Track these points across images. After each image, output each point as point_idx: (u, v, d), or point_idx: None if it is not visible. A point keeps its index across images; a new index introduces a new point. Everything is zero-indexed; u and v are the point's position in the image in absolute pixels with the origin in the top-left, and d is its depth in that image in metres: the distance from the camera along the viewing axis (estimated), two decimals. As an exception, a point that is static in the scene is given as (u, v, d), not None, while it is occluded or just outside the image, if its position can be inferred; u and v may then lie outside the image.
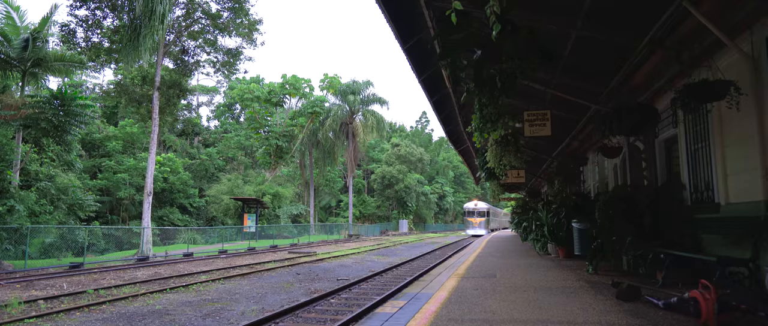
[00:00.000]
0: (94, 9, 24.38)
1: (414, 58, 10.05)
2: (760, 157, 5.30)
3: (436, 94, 12.88)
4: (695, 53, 6.29)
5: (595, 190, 14.30)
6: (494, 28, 4.54)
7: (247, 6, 29.39)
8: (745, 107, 5.44)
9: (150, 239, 23.49)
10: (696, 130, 6.91)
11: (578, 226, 10.32)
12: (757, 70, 5.36)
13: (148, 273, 14.49)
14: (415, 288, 6.96)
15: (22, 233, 16.61)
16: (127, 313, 8.10)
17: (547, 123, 9.60)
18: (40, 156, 24.77)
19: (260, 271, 14.74)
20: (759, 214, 5.23)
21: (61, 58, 23.74)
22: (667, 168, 8.48)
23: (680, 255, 6.46)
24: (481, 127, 7.61)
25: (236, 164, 55.49)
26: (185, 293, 10.44)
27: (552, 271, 8.94)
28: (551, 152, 15.56)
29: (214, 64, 31.54)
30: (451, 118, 15.80)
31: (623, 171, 10.84)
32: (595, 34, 6.92)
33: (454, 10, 4.52)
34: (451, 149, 41.26)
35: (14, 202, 17.19)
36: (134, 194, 39.27)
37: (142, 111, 30.67)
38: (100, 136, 42.55)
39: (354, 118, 50.63)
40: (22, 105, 19.14)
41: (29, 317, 7.74)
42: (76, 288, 11.15)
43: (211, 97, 69.72)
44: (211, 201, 43.70)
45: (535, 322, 4.65)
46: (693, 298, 4.44)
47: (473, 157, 20.84)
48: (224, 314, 7.86)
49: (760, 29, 5.27)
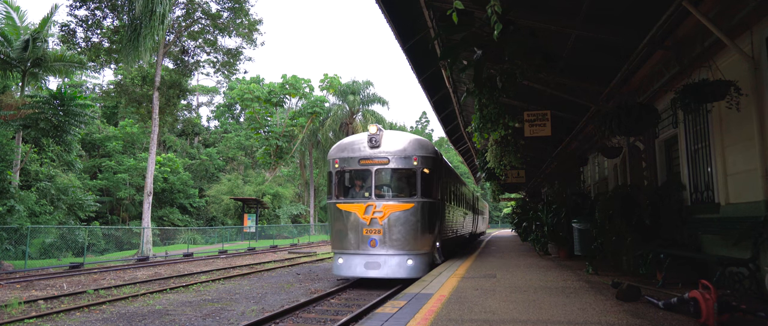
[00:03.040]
0: (94, 9, 24.38)
1: (414, 58, 10.06)
2: (760, 157, 5.30)
3: (436, 94, 12.89)
4: (695, 53, 6.29)
5: (595, 190, 14.31)
6: (496, 27, 4.54)
7: (247, 6, 29.40)
8: (745, 107, 5.44)
9: (150, 239, 23.48)
10: (696, 130, 6.92)
11: (578, 226, 10.33)
12: (757, 70, 5.37)
13: (148, 274, 14.48)
14: (415, 288, 6.96)
15: (22, 233, 16.60)
16: (127, 313, 8.09)
17: (547, 123, 9.62)
18: (40, 156, 24.76)
19: (260, 271, 14.74)
20: (759, 214, 5.24)
21: (61, 58, 23.73)
22: (667, 168, 8.48)
23: (680, 255, 6.46)
24: (481, 127, 7.63)
25: (236, 164, 55.47)
26: (185, 293, 10.44)
27: (552, 271, 8.94)
28: (551, 152, 15.57)
29: (214, 64, 31.55)
30: (451, 118, 15.82)
31: (623, 171, 10.85)
32: (595, 34, 6.93)
33: (455, 9, 4.53)
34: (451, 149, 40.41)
35: (14, 202, 17.19)
36: (134, 194, 39.25)
37: (142, 111, 30.66)
38: (100, 136, 42.53)
39: (354, 118, 50.64)
40: (21, 105, 19.15)
41: (29, 317, 7.74)
42: (76, 289, 11.15)
43: (211, 97, 69.72)
44: (211, 202, 43.71)
45: (535, 322, 4.65)
46: (693, 298, 4.44)
47: (473, 157, 20.86)
48: (224, 314, 7.86)
49: (760, 29, 5.27)
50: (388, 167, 10.01)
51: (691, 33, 6.22)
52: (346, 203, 10.02)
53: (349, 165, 10.27)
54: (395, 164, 9.97)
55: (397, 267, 9.48)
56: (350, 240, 9.79)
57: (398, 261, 9.52)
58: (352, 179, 10.59)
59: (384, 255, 9.56)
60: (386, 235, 9.53)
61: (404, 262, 9.51)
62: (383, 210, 9.58)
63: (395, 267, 9.48)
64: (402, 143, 10.19)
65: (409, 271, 9.43)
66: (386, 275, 9.47)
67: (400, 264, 9.50)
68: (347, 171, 10.49)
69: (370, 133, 10.20)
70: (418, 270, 9.48)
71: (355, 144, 10.47)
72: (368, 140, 10.17)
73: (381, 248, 9.55)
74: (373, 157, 10.04)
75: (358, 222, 9.68)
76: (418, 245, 9.66)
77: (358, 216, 9.70)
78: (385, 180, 10.36)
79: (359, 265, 9.67)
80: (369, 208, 9.63)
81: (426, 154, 10.17)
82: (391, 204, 9.65)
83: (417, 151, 10.06)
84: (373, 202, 9.67)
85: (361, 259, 9.68)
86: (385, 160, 9.97)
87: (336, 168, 10.39)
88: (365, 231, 9.63)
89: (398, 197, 9.99)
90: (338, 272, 9.98)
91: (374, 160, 10.01)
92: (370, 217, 9.58)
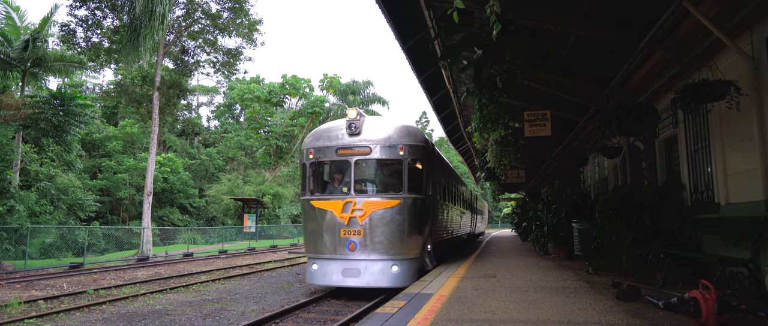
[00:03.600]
0: (94, 9, 24.40)
1: (414, 58, 10.07)
2: (760, 157, 5.30)
3: (436, 94, 12.89)
4: (695, 53, 6.29)
5: (595, 190, 14.31)
6: (495, 27, 4.54)
7: (247, 6, 29.42)
8: (745, 107, 5.44)
9: (150, 239, 23.49)
10: (696, 130, 6.92)
11: (578, 226, 10.33)
12: (757, 70, 5.37)
13: (148, 274, 14.49)
14: (415, 288, 6.96)
15: (22, 233, 16.61)
16: (127, 313, 8.10)
17: (547, 123, 9.62)
18: (40, 156, 24.76)
19: (260, 271, 14.74)
20: (759, 214, 5.24)
21: (61, 58, 23.74)
22: (667, 168, 8.49)
23: (680, 255, 6.46)
24: (481, 127, 7.62)
25: (236, 164, 55.47)
26: (185, 293, 10.44)
27: (552, 271, 8.94)
28: (551, 152, 15.57)
29: (214, 64, 31.57)
30: (451, 118, 15.83)
31: (623, 171, 10.85)
32: (595, 34, 6.93)
33: (455, 9, 4.53)
34: (451, 149, 40.34)
35: (14, 202, 17.20)
36: (134, 194, 39.25)
37: (142, 111, 30.68)
38: (100, 136, 42.54)
39: (354, 118, 50.54)
40: (21, 105, 19.15)
41: (29, 317, 7.74)
42: (76, 289, 11.15)
43: (211, 97, 69.71)
44: (211, 201, 43.70)
45: (535, 322, 4.65)
46: (693, 298, 4.44)
47: (473, 157, 20.86)
48: (224, 314, 7.86)
49: (760, 29, 5.27)
50: (370, 157, 8.75)
51: (691, 33, 6.22)
52: (320, 200, 8.79)
53: (325, 155, 9.03)
54: (378, 154, 8.70)
55: (379, 274, 8.29)
56: (325, 243, 8.57)
57: (381, 268, 8.32)
58: (328, 172, 9.41)
59: (365, 261, 8.37)
60: (367, 237, 8.34)
61: (388, 269, 8.31)
62: (364, 208, 8.38)
63: (377, 274, 8.29)
64: (386, 130, 8.90)
65: (393, 279, 8.29)
66: (367, 284, 8.29)
67: (384, 271, 8.31)
68: (323, 163, 9.24)
69: (349, 118, 8.82)
70: (404, 277, 8.35)
71: (332, 131, 9.15)
72: (347, 127, 8.84)
73: (361, 252, 8.35)
74: (352, 146, 8.77)
75: (335, 222, 8.49)
76: (404, 248, 8.47)
77: (334, 214, 8.49)
78: (366, 173, 9.12)
79: (336, 272, 8.44)
80: (347, 205, 8.43)
81: (414, 143, 8.89)
82: (373, 201, 8.46)
83: (404, 138, 8.79)
84: (352, 198, 8.45)
85: (338, 265, 8.45)
86: (366, 150, 8.71)
87: (310, 159, 9.12)
88: (343, 232, 8.42)
89: (382, 192, 8.78)
90: (311, 280, 8.81)
91: (354, 150, 8.75)
92: (348, 216, 8.38)
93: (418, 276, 8.70)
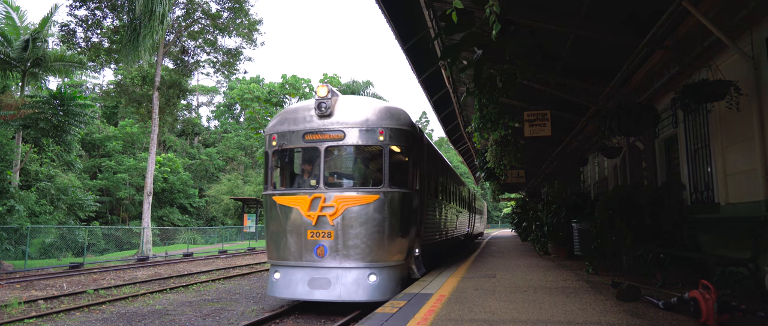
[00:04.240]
0: (94, 9, 24.42)
1: (414, 58, 10.07)
2: (760, 157, 5.30)
3: (435, 93, 12.90)
4: (695, 53, 6.29)
5: (595, 190, 14.32)
6: (495, 27, 4.55)
7: (247, 6, 29.43)
8: (745, 107, 5.44)
9: (150, 239, 23.50)
10: (696, 130, 6.92)
11: (578, 226, 10.33)
12: (757, 70, 5.37)
13: (148, 274, 14.49)
14: (415, 288, 6.95)
15: (22, 233, 16.61)
16: (127, 313, 8.10)
17: (547, 123, 9.62)
18: (40, 156, 24.77)
19: (260, 271, 14.74)
20: (759, 214, 5.23)
21: (61, 58, 23.76)
22: (667, 168, 8.49)
23: (680, 255, 6.46)
24: (481, 127, 7.62)
25: (236, 164, 55.46)
26: (185, 293, 10.44)
27: (552, 271, 8.94)
28: (551, 152, 15.57)
29: (214, 64, 31.59)
30: (450, 118, 15.83)
31: (623, 171, 10.85)
32: (595, 34, 6.93)
33: (455, 9, 4.53)
34: (451, 149, 40.34)
35: (14, 202, 17.20)
36: (134, 194, 39.26)
37: (142, 111, 30.69)
38: (100, 136, 42.55)
39: (354, 118, 50.54)
40: (21, 105, 19.16)
41: (29, 317, 7.74)
42: (76, 289, 11.15)
43: (211, 97, 69.73)
44: (211, 201, 43.73)
45: (535, 322, 4.65)
46: (693, 298, 4.44)
47: (473, 157, 20.86)
48: (224, 314, 7.86)
49: (760, 29, 5.27)
50: (344, 144, 7.29)
51: (691, 33, 6.21)
52: (284, 195, 7.35)
53: (291, 141, 7.52)
54: (353, 139, 7.21)
55: (353, 285, 6.85)
56: (290, 247, 7.17)
57: (356, 278, 6.88)
58: (294, 162, 8.07)
59: (336, 269, 6.94)
60: (339, 240, 6.91)
61: (364, 279, 6.89)
62: (335, 205, 6.94)
63: (351, 285, 6.85)
64: (363, 111, 7.35)
65: (371, 292, 6.85)
66: (338, 297, 6.83)
67: (359, 281, 6.88)
68: (288, 151, 7.80)
69: (319, 97, 7.32)
70: (384, 289, 6.93)
71: (299, 112, 7.62)
72: (316, 107, 7.33)
73: (332, 258, 6.94)
74: (322, 131, 7.29)
75: (301, 222, 7.07)
76: (384, 254, 7.03)
77: (300, 212, 7.07)
78: (339, 163, 7.80)
79: (301, 283, 7.01)
80: (315, 202, 7.00)
81: (398, 126, 7.38)
82: (346, 196, 7.01)
83: (384, 121, 7.27)
84: (322, 193, 7.02)
85: (304, 274, 7.03)
86: (338, 135, 7.23)
87: (273, 146, 7.64)
88: (310, 234, 7.01)
89: (358, 186, 7.34)
90: (272, 292, 7.33)
91: (324, 135, 7.27)
92: (316, 215, 6.95)
93: (402, 286, 7.37)
